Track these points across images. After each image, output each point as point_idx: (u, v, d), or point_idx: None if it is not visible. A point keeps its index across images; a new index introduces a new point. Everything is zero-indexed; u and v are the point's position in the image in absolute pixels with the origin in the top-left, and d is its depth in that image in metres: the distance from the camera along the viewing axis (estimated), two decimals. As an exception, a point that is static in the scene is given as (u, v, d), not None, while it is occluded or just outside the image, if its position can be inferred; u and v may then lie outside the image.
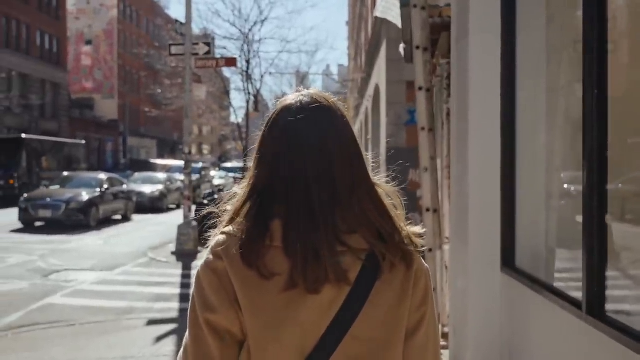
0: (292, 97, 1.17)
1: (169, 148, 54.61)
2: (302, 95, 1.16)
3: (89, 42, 47.82)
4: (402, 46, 5.59)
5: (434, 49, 5.08)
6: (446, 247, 4.97)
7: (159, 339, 5.54)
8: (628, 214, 2.52)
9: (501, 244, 3.52)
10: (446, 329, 4.80)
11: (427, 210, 4.25)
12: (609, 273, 2.36)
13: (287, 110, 1.15)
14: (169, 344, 5.35)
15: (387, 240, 1.10)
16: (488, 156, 3.59)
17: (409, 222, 1.19)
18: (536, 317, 3.09)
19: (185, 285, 8.46)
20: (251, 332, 1.06)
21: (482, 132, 3.62)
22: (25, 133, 26.22)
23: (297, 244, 1.06)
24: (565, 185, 3.24)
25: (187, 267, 9.96)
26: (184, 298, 7.64)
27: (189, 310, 1.11)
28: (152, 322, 6.36)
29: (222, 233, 1.15)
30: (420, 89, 4.15)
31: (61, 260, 10.40)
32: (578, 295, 2.55)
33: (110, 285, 8.53)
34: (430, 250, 4.29)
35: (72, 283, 8.54)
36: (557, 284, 2.97)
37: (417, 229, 1.17)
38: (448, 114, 4.96)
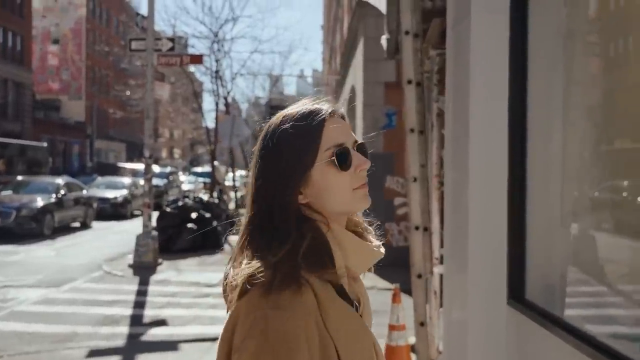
0: None
1: (139, 151, 53.34)
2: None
3: (55, 41, 46.57)
4: (384, 37, 4.89)
5: (422, 40, 4.40)
6: (435, 270, 4.28)
7: (97, 376, 4.72)
8: (608, 224, 2.27)
9: (508, 270, 2.87)
10: (435, 365, 4.13)
11: (416, 228, 3.55)
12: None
13: None
14: (107, 384, 4.53)
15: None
16: (492, 163, 2.95)
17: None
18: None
19: (138, 305, 7.62)
20: None
21: (485, 134, 2.98)
22: (-15, 134, 24.96)
23: None
24: (590, 199, 2.63)
25: (144, 282, 9.10)
26: (135, 321, 6.83)
27: None
28: (93, 353, 5.54)
29: None
30: (409, 82, 3.45)
31: (3, 274, 9.47)
32: (614, 345, 1.94)
33: (53, 305, 7.64)
34: (419, 276, 3.59)
35: (9, 303, 7.64)
36: (574, 323, 2.35)
37: (245, 270, 1.04)
38: (439, 114, 4.27)
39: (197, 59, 12.45)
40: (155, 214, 12.44)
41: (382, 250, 1.21)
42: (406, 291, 4.60)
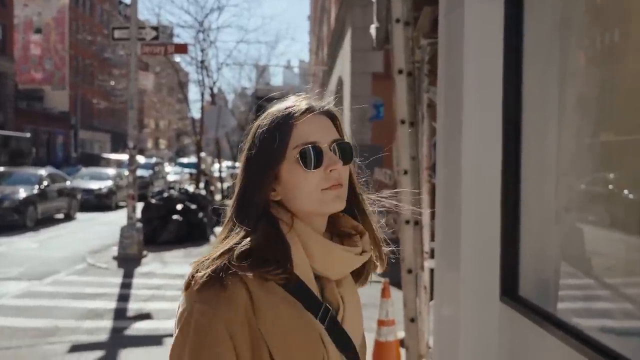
0: None
1: (124, 142, 52.82)
2: None
3: (38, 31, 45.83)
4: (373, 26, 4.78)
5: (413, 28, 4.30)
6: (425, 264, 4.21)
7: (78, 373, 4.61)
8: (603, 218, 2.24)
9: (501, 266, 2.80)
10: (424, 362, 4.07)
11: (407, 222, 3.46)
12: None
13: None
14: (89, 381, 4.43)
15: None
16: (486, 157, 2.86)
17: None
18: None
19: (123, 298, 7.49)
20: None
21: (479, 127, 2.89)
22: (-35, 124, 24.49)
23: None
24: (584, 194, 2.57)
25: (128, 275, 8.96)
26: (118, 314, 6.70)
27: None
28: (75, 348, 5.42)
29: None
30: (400, 72, 3.35)
31: (-16, 267, 9.27)
32: (605, 339, 1.89)
33: (35, 298, 7.49)
34: (409, 271, 3.51)
35: (-11, 296, 7.47)
36: (568, 319, 2.28)
37: (193, 263, 1.11)
38: (430, 105, 4.18)
39: (182, 48, 12.27)
40: (140, 206, 12.28)
41: (363, 257, 1.16)
42: (395, 284, 4.53)
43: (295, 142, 1.09)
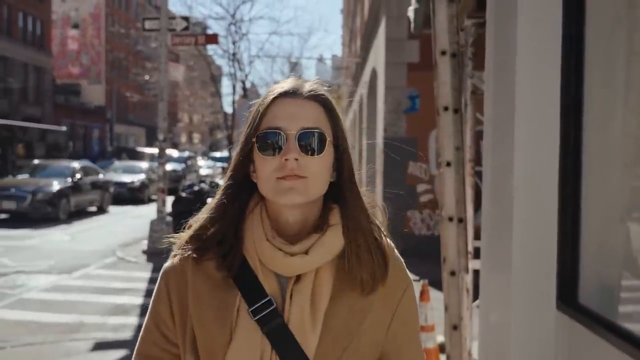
0: None
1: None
2: None
3: (75, 26, 46.62)
4: (411, 8, 4.46)
5: (456, 6, 3.98)
6: (469, 265, 3.89)
7: (100, 374, 4.43)
8: None
9: (558, 271, 2.51)
10: (466, 370, 3.76)
11: (450, 219, 3.16)
12: None
13: None
14: (110, 383, 4.25)
15: None
16: (541, 149, 2.57)
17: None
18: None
19: (150, 293, 7.28)
20: None
21: (533, 115, 2.59)
22: (6, 118, 24.95)
23: None
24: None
25: (157, 269, 8.79)
26: (145, 311, 6.49)
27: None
28: (99, 346, 5.28)
29: None
30: (443, 53, 3.05)
31: (15, 260, 9.27)
32: None
33: (63, 292, 7.43)
34: (452, 273, 3.20)
35: (18, 290, 7.43)
36: (636, 330, 1.98)
37: None
38: (474, 92, 3.86)
39: (212, 39, 12.13)
40: (170, 199, 12.21)
41: (300, 260, 1.08)
42: (432, 284, 4.27)
43: (263, 126, 1.09)
